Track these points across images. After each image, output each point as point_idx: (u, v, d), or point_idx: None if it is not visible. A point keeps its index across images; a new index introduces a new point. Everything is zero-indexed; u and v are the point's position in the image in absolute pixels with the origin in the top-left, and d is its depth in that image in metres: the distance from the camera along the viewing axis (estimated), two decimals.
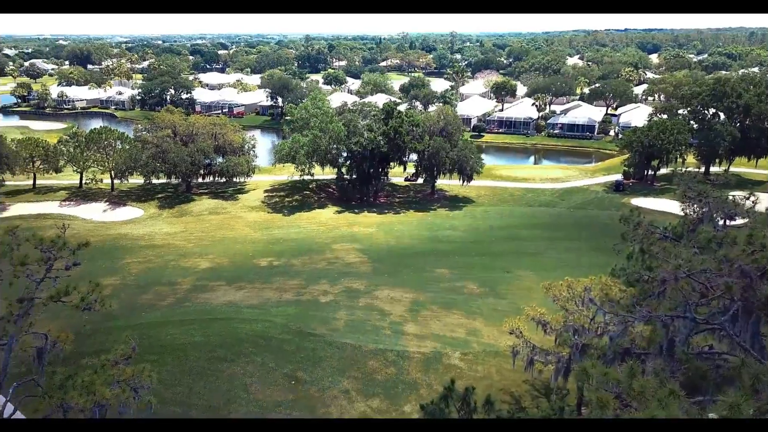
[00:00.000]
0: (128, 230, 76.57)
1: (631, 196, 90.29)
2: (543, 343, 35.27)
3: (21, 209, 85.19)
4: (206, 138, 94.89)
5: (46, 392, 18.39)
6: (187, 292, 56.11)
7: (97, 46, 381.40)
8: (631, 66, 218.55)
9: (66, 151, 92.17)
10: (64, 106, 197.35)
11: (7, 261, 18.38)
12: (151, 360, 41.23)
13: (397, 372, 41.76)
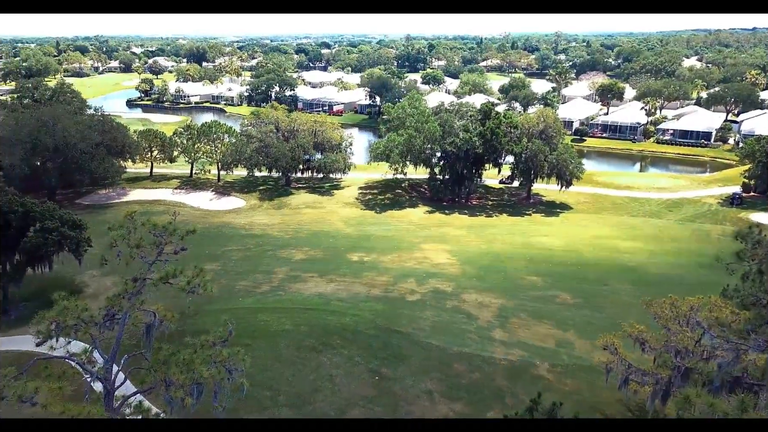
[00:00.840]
0: (231, 219, 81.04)
1: (750, 210, 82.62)
2: (640, 362, 33.17)
3: (139, 195, 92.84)
4: (306, 134, 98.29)
5: (152, 366, 19.95)
6: (282, 281, 58.47)
7: (211, 45, 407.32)
8: (758, 69, 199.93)
9: (180, 142, 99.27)
10: (180, 100, 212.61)
11: (125, 243, 20.14)
12: (244, 344, 43.38)
13: (482, 377, 41.05)
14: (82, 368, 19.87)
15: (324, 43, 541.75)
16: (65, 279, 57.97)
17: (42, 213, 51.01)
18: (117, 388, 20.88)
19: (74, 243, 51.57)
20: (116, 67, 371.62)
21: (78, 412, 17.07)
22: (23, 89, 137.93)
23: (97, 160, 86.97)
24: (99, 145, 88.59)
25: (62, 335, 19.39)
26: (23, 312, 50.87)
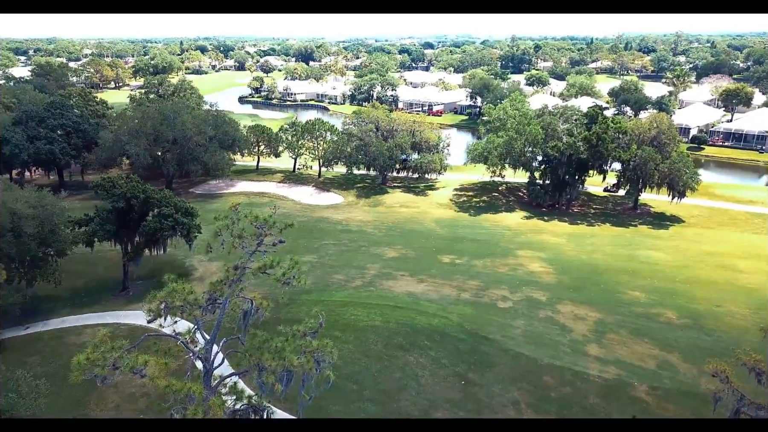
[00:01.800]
0: (329, 214, 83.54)
1: None
2: (756, 395, 30.14)
3: (245, 186, 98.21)
4: (405, 134, 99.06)
5: (247, 350, 21.04)
6: (373, 277, 59.39)
7: (319, 45, 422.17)
8: None
9: (285, 138, 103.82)
10: (287, 98, 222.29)
11: (229, 233, 21.41)
12: (334, 336, 44.61)
13: (574, 393, 39.27)
14: (185, 347, 21.38)
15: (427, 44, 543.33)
16: (176, 261, 62.63)
17: (160, 200, 55.36)
18: (215, 368, 22.26)
19: (186, 229, 55.49)
20: (231, 66, 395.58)
21: (180, 388, 18.42)
22: (150, 85, 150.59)
23: (210, 153, 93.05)
24: (212, 139, 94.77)
25: (170, 315, 20.99)
26: (139, 289, 55.62)
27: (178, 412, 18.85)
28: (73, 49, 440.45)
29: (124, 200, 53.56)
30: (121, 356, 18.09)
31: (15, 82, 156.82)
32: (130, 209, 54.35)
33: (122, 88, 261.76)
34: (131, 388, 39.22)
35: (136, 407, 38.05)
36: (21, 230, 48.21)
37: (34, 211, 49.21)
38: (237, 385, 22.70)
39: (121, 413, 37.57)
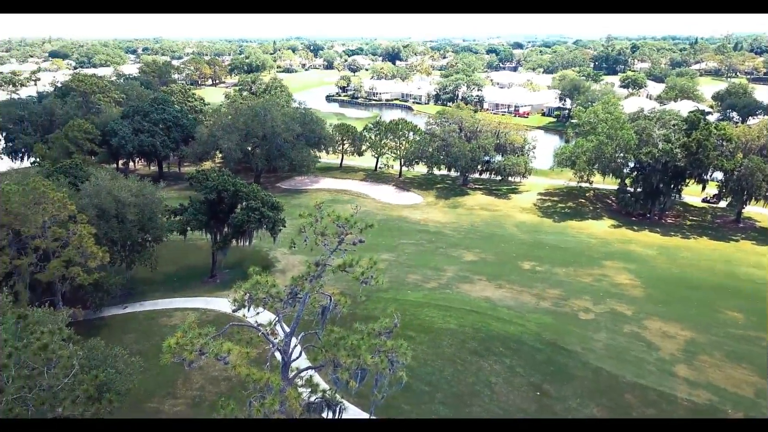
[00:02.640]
0: (408, 214, 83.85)
1: None
2: None
3: (329, 183, 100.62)
4: (489, 136, 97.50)
5: (324, 346, 21.55)
6: (450, 279, 58.96)
7: (406, 45, 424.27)
8: None
9: (368, 137, 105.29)
10: (372, 97, 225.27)
11: (312, 230, 22.05)
12: (408, 336, 44.78)
13: (658, 415, 37.07)
14: (266, 338, 22.24)
15: (516, 44, 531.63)
16: (261, 253, 65.24)
17: (248, 193, 57.86)
18: (293, 361, 23.00)
19: (271, 222, 57.65)
20: (320, 65, 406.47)
21: (259, 377, 19.21)
22: (244, 83, 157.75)
23: (297, 149, 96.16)
24: (299, 136, 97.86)
25: (253, 306, 21.92)
26: (226, 277, 58.46)
27: (256, 400, 19.66)
28: (177, 48, 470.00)
29: (216, 192, 56.47)
30: (207, 343, 19.12)
31: (124, 79, 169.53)
32: (220, 201, 57.22)
33: (219, 85, 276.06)
34: (215, 372, 41.31)
35: (219, 390, 40.03)
36: (124, 216, 52.14)
37: (135, 200, 53.01)
38: (313, 379, 23.32)
39: (205, 394, 39.68)
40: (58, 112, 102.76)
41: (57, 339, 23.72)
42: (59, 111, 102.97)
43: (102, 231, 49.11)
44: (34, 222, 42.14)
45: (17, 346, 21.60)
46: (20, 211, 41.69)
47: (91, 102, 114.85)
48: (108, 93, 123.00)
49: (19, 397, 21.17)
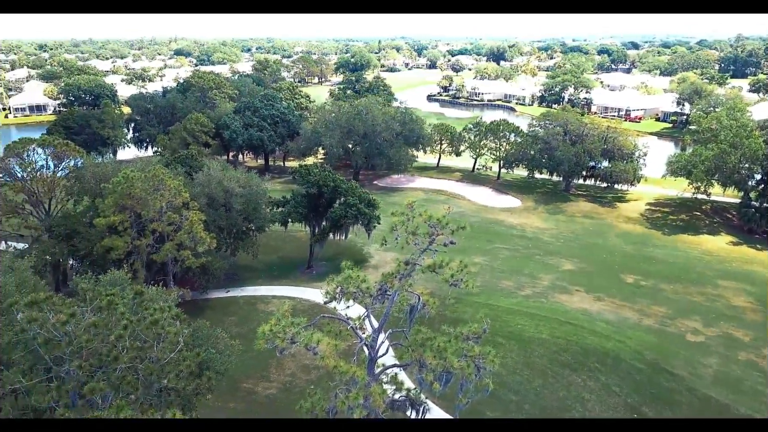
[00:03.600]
0: (504, 217, 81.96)
1: None
2: None
3: (424, 183, 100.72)
4: (596, 140, 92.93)
5: (410, 345, 21.60)
6: (545, 288, 56.91)
7: (511, 45, 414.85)
8: None
9: (467, 137, 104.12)
10: (474, 97, 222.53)
11: (404, 229, 22.14)
12: (497, 342, 43.78)
13: None
14: (355, 332, 22.68)
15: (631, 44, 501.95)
16: (356, 248, 66.64)
17: (347, 190, 59.32)
18: (379, 357, 23.26)
19: (367, 219, 58.72)
20: (423, 64, 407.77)
21: (346, 370, 19.62)
22: (347, 81, 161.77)
23: (395, 148, 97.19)
24: (398, 135, 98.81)
25: (344, 299, 22.42)
26: (322, 269, 60.34)
27: (342, 392, 20.11)
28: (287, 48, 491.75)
29: (317, 187, 58.44)
30: (298, 332, 19.82)
31: (238, 76, 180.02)
32: (320, 196, 59.15)
33: (324, 83, 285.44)
34: (306, 360, 42.78)
35: (309, 378, 41.43)
36: (231, 206, 55.40)
37: (242, 190, 56.11)
38: (398, 377, 23.45)
39: (296, 381, 41.22)
40: (178, 105, 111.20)
41: (167, 316, 25.63)
42: (180, 105, 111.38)
43: (211, 218, 52.48)
44: (153, 206, 45.86)
45: (132, 319, 23.57)
46: (142, 196, 45.52)
47: (208, 97, 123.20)
48: (223, 89, 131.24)
49: (132, 366, 23.10)
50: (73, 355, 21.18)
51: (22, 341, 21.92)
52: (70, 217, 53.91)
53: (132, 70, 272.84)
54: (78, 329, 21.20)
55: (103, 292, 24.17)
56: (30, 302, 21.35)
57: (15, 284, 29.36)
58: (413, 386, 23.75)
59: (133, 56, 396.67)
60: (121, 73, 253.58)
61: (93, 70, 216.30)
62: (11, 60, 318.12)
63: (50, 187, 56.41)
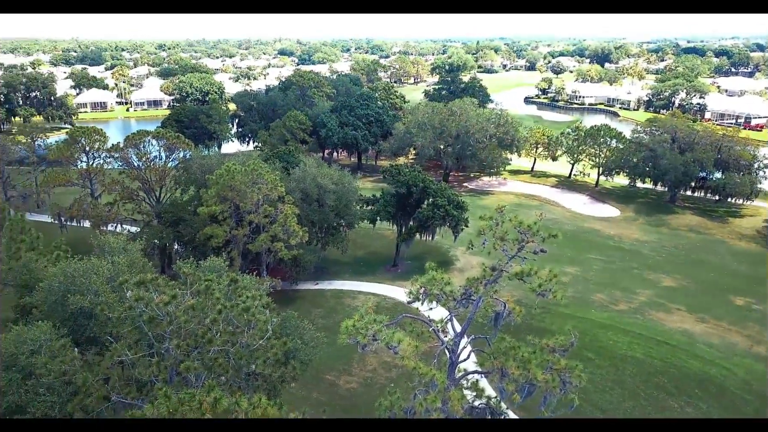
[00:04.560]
0: (600, 227, 78.13)
1: None
2: None
3: (516, 187, 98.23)
4: (708, 149, 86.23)
5: (493, 352, 21.12)
6: (642, 304, 53.65)
7: (618, 46, 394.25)
8: None
9: (565, 142, 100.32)
10: (574, 101, 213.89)
11: (492, 233, 21.67)
12: (586, 357, 41.83)
13: None
14: (436, 335, 22.54)
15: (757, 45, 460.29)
16: (441, 249, 66.31)
17: (436, 190, 59.16)
18: (460, 362, 22.96)
19: (455, 221, 58.24)
20: (522, 65, 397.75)
21: (425, 372, 19.55)
22: (443, 82, 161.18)
23: (488, 150, 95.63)
24: (492, 137, 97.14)
25: (427, 300, 22.35)
26: (407, 268, 60.63)
27: (421, 393, 20.06)
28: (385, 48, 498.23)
29: (406, 187, 58.77)
30: (380, 330, 20.00)
31: (337, 75, 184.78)
32: (409, 195, 59.42)
33: (419, 83, 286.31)
34: (388, 357, 43.16)
35: (389, 375, 41.78)
36: (324, 201, 57.04)
37: (335, 187, 57.58)
38: (479, 383, 23.03)
39: (377, 377, 41.72)
40: (279, 103, 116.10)
41: (258, 304, 26.81)
42: (281, 102, 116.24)
43: (304, 212, 54.32)
44: (251, 199, 48.18)
45: (226, 305, 24.89)
46: (241, 188, 47.96)
47: (307, 95, 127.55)
48: (321, 88, 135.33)
49: (224, 349, 24.40)
50: (172, 334, 22.71)
51: (130, 317, 23.80)
52: (177, 205, 57.95)
53: (239, 68, 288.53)
54: (178, 310, 22.69)
55: (202, 277, 25.70)
56: (138, 282, 23.15)
57: (126, 264, 31.98)
58: (494, 395, 23.21)
59: (240, 55, 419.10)
60: (228, 72, 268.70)
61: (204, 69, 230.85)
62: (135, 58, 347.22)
63: (161, 176, 60.83)
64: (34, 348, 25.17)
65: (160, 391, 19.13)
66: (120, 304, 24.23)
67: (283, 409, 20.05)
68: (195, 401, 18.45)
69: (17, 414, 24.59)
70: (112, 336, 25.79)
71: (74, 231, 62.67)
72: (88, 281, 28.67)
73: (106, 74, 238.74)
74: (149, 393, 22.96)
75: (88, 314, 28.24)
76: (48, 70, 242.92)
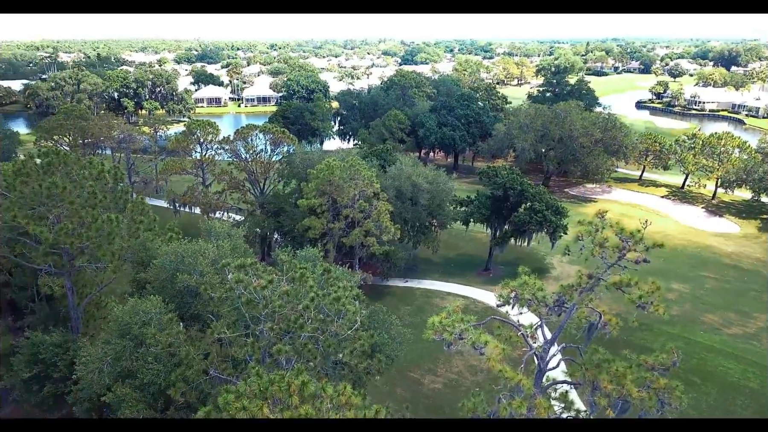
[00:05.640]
0: (715, 243, 72.02)
1: None
2: None
3: (622, 196, 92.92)
4: None
5: (585, 364, 20.14)
6: (760, 330, 48.87)
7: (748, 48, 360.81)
8: None
9: (679, 150, 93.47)
10: (692, 106, 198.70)
11: (590, 239, 20.62)
12: (691, 381, 38.83)
13: None
14: (525, 340, 21.87)
15: None
16: (537, 256, 64.26)
17: (534, 195, 57.40)
18: (549, 370, 22.12)
19: (552, 227, 56.19)
20: (635, 68, 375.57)
21: (512, 377, 19.03)
22: (548, 84, 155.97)
23: (593, 155, 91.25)
24: (598, 142, 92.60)
25: (518, 305, 21.75)
26: (499, 273, 59.37)
27: (505, 398, 19.57)
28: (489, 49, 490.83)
29: (503, 189, 57.55)
30: (467, 329, 19.76)
31: (439, 76, 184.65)
32: (505, 198, 58.13)
33: (523, 85, 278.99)
34: (474, 361, 42.59)
35: (475, 379, 41.20)
36: (417, 200, 57.24)
37: (429, 186, 57.59)
38: (568, 395, 22.08)
39: (462, 379, 41.29)
40: (380, 102, 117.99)
41: (348, 295, 27.46)
42: (381, 102, 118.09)
43: (397, 210, 54.83)
44: (347, 194, 49.40)
45: (318, 293, 25.73)
46: (339, 184, 49.31)
47: (407, 95, 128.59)
48: (422, 87, 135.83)
49: (314, 336, 25.24)
50: (267, 317, 23.83)
51: (230, 298, 25.27)
52: (279, 197, 60.68)
53: (343, 68, 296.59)
54: (274, 295, 23.78)
55: (297, 265, 26.74)
56: (239, 265, 24.51)
57: (230, 248, 34.02)
58: (584, 408, 22.17)
59: (345, 55, 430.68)
60: (333, 71, 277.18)
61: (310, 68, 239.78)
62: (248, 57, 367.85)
63: (266, 169, 63.99)
64: (145, 320, 27.48)
65: (253, 370, 20.10)
66: (222, 285, 25.79)
67: (367, 400, 20.36)
68: (284, 383, 19.20)
69: (129, 379, 26.99)
70: (213, 314, 27.53)
71: (186, 216, 67.60)
72: (195, 262, 30.81)
73: (222, 72, 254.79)
74: (243, 371, 24.25)
75: (193, 292, 30.35)
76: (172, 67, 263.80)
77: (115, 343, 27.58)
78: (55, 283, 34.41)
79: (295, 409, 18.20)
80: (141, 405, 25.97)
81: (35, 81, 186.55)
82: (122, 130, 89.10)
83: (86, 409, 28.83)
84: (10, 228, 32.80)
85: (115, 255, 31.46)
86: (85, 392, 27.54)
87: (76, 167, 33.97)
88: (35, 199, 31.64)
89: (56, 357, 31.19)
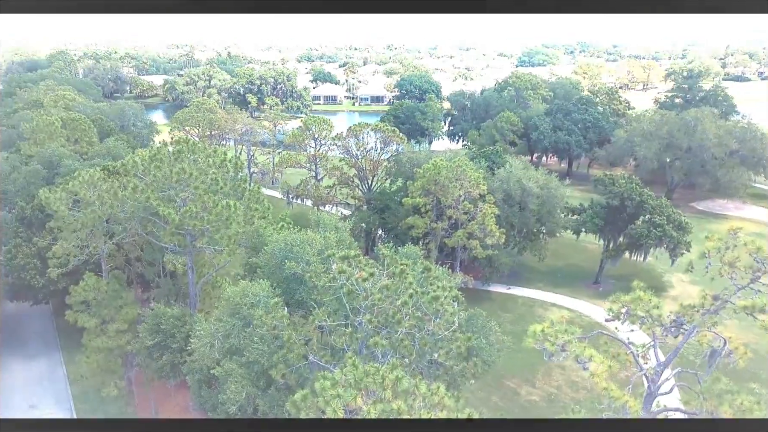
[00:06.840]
0: None
1: None
2: None
3: (758, 213, 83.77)
4: None
5: (703, 392, 18.29)
6: None
7: None
8: None
9: None
10: None
11: (719, 258, 18.66)
12: None
13: None
14: (635, 359, 20.33)
15: None
16: (654, 272, 59.81)
17: (654, 207, 53.46)
18: (660, 394, 20.36)
19: (673, 243, 52.03)
20: None
21: (617, 396, 17.75)
22: (678, 89, 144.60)
23: (726, 168, 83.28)
24: (733, 154, 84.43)
25: (629, 321, 20.22)
26: (609, 287, 55.98)
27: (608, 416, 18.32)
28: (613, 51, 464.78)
29: (620, 199, 54.19)
30: (570, 341, 18.72)
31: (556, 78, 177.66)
32: (622, 209, 54.68)
33: (648, 90, 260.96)
34: (576, 377, 40.57)
35: (575, 396, 39.22)
36: (526, 205, 55.47)
37: (540, 191, 55.59)
38: None
39: (561, 395, 39.47)
40: (493, 104, 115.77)
41: (447, 296, 27.17)
42: (494, 103, 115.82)
43: (504, 214, 53.50)
44: (452, 194, 49.01)
45: (417, 290, 25.71)
46: (444, 184, 49.04)
47: (522, 97, 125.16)
48: (538, 90, 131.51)
49: (410, 333, 25.28)
50: (366, 309, 24.22)
51: (332, 288, 25.99)
52: (385, 194, 61.57)
53: (457, 69, 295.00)
54: (374, 288, 24.11)
55: (398, 261, 26.92)
56: (343, 256, 25.15)
57: (336, 240, 35.07)
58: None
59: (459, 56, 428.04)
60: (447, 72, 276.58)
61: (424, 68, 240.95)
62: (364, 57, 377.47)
63: (375, 166, 65.21)
64: (254, 302, 29.05)
65: (350, 360, 20.50)
66: (326, 275, 26.59)
67: (460, 403, 20.00)
68: (379, 375, 19.38)
69: (236, 356, 28.70)
70: (315, 302, 28.47)
71: (298, 207, 70.67)
72: (303, 251, 32.08)
73: (339, 71, 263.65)
74: (340, 360, 24.84)
75: (299, 280, 31.60)
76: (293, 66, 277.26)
77: (225, 321, 29.43)
78: (178, 261, 37.50)
79: (387, 403, 18.30)
80: (245, 381, 27.50)
81: (173, 76, 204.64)
82: (245, 124, 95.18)
83: (197, 380, 31.09)
84: (144, 208, 36.09)
85: (231, 239, 33.62)
86: (197, 364, 29.68)
87: (203, 155, 36.72)
88: (166, 183, 34.61)
89: (175, 329, 33.94)
